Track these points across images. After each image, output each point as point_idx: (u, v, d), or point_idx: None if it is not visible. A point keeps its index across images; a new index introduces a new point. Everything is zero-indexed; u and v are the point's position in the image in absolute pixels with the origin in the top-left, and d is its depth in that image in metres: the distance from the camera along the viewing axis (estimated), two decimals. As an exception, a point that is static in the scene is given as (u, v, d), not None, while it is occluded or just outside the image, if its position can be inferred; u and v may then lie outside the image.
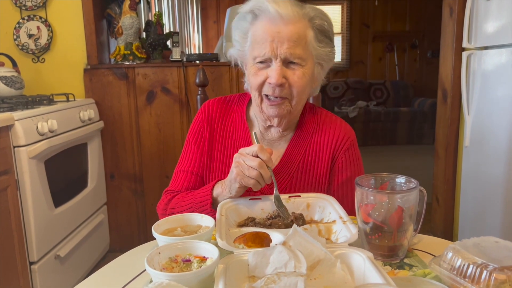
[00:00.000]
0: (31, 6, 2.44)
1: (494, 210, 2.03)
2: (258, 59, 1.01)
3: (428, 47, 6.59)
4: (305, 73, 1.01)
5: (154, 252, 0.69)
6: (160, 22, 2.67)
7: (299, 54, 0.99)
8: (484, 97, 2.11)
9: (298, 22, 0.99)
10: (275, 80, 0.99)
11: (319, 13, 1.04)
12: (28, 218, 1.78)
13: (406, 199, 0.75)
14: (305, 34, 1.00)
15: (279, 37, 0.98)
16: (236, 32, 1.08)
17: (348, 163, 1.11)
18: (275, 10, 0.98)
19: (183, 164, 1.16)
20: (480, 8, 2.11)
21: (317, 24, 1.02)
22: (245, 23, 1.05)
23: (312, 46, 1.02)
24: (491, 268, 0.61)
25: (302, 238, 0.70)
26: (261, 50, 1.00)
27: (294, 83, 1.01)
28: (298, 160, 1.11)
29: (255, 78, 1.03)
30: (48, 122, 1.89)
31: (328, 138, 1.12)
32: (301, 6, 1.02)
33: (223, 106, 1.18)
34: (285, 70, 1.00)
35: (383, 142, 5.91)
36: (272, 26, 0.99)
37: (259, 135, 1.14)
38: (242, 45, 1.07)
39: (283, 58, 0.99)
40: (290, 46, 0.98)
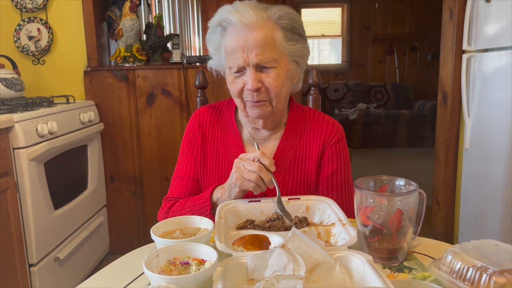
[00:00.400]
0: (31, 8, 2.44)
1: (494, 213, 2.03)
2: (233, 69, 1.05)
3: (428, 49, 6.60)
4: (280, 74, 1.04)
5: (153, 255, 0.69)
6: (160, 24, 2.68)
7: (270, 57, 1.02)
8: (484, 100, 2.11)
9: (263, 26, 1.02)
10: (251, 86, 1.02)
11: (285, 12, 1.05)
12: (28, 220, 1.78)
13: (406, 201, 0.75)
14: (273, 36, 1.02)
15: (247, 45, 1.01)
16: (210, 45, 1.12)
17: (336, 156, 1.14)
18: (238, 20, 1.01)
19: (179, 170, 1.19)
20: (480, 10, 2.11)
21: (284, 24, 1.04)
22: (216, 36, 1.08)
23: (283, 46, 1.04)
24: (491, 271, 0.61)
25: (301, 241, 0.69)
26: (234, 61, 1.03)
27: (270, 85, 1.03)
28: (289, 158, 1.13)
29: (234, 86, 1.07)
30: (48, 124, 1.89)
31: (317, 133, 1.15)
32: (265, 9, 1.04)
33: (213, 112, 1.22)
34: (259, 75, 1.03)
35: (384, 145, 5.91)
36: (240, 36, 1.02)
37: (248, 136, 1.17)
38: (218, 57, 1.11)
39: (255, 65, 1.02)
40: (259, 52, 1.01)
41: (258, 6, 1.04)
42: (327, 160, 1.14)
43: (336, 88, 6.40)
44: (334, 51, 6.84)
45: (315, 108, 1.51)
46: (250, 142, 1.17)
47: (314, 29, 6.65)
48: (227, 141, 1.17)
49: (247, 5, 1.03)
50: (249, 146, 1.17)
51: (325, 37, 6.76)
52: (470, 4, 2.16)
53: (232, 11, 1.03)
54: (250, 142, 1.17)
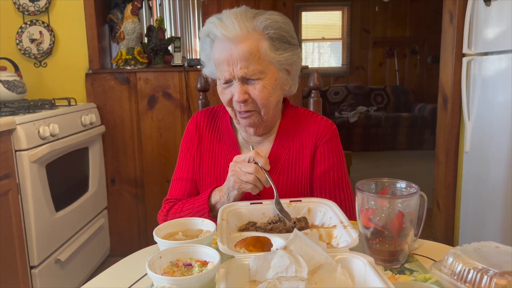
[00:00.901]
0: (33, 11, 2.45)
1: (494, 215, 2.03)
2: (221, 81, 1.06)
3: (428, 52, 6.61)
4: (266, 84, 1.04)
5: (155, 256, 0.69)
6: (161, 27, 2.69)
7: (255, 69, 1.01)
8: (484, 103, 2.12)
9: (248, 38, 1.01)
10: (237, 98, 1.04)
11: (273, 21, 1.03)
12: (29, 222, 1.78)
13: (407, 204, 0.75)
14: (258, 47, 1.01)
15: (232, 58, 1.01)
16: (202, 54, 1.13)
17: (328, 155, 1.15)
18: (222, 33, 1.01)
19: (178, 172, 1.21)
20: (480, 14, 2.12)
21: (271, 33, 1.03)
22: (207, 46, 1.09)
23: (269, 56, 1.03)
24: (492, 273, 0.61)
25: (303, 242, 0.70)
26: (221, 73, 1.05)
27: (256, 96, 1.04)
28: (283, 159, 1.15)
29: (223, 97, 1.09)
30: (50, 126, 1.89)
31: (310, 132, 1.16)
32: (251, 18, 1.02)
33: (210, 116, 1.24)
34: (246, 87, 1.04)
35: (384, 148, 5.91)
36: (225, 49, 1.02)
37: (243, 140, 1.19)
38: (209, 66, 1.12)
39: (240, 78, 1.02)
40: (243, 65, 1.01)
41: (245, 16, 1.02)
42: (319, 158, 1.15)
43: (336, 91, 6.41)
44: (335, 54, 6.85)
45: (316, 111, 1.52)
46: (245, 145, 1.19)
47: (314, 32, 6.67)
48: (223, 143, 1.19)
49: (233, 16, 1.02)
50: (244, 149, 1.19)
51: (326, 40, 6.78)
52: (470, 7, 2.16)
53: (216, 24, 1.02)
54: (245, 145, 1.19)
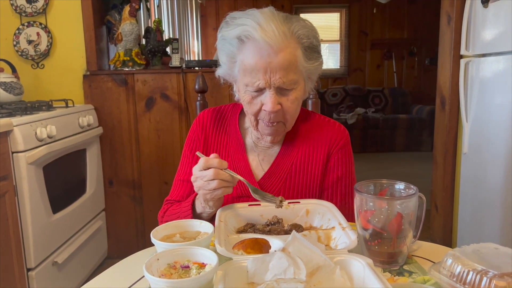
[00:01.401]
0: (31, 12, 2.45)
1: (493, 217, 2.03)
2: (250, 88, 1.00)
3: (426, 54, 6.63)
4: (298, 95, 1.02)
5: (153, 258, 0.69)
6: (159, 29, 2.68)
7: (292, 79, 0.98)
8: (482, 104, 2.12)
9: (287, 47, 0.96)
10: (270, 108, 0.99)
11: (308, 29, 1.00)
12: (26, 224, 1.77)
13: (406, 205, 0.75)
14: (295, 57, 0.98)
15: (271, 67, 0.96)
16: (223, 54, 1.05)
17: (340, 162, 1.13)
18: (263, 39, 0.94)
19: (180, 173, 1.19)
20: (478, 15, 2.12)
21: (305, 43, 1.00)
22: (231, 47, 1.01)
23: (302, 66, 1.00)
24: (491, 275, 0.61)
25: (301, 244, 0.69)
26: (253, 80, 0.98)
27: (288, 108, 1.02)
28: (290, 162, 1.12)
29: (251, 106, 1.03)
30: (47, 128, 1.89)
31: (323, 138, 1.13)
32: (288, 23, 0.98)
33: (217, 116, 1.20)
34: (279, 97, 1.00)
35: (382, 149, 5.92)
36: (263, 56, 0.96)
37: (251, 143, 1.16)
38: (230, 68, 1.05)
39: (276, 87, 0.98)
40: (282, 74, 0.97)
41: (279, 19, 0.97)
42: (333, 166, 1.12)
43: (334, 92, 6.42)
44: (333, 56, 6.87)
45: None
46: (253, 149, 1.16)
47: (312, 34, 6.68)
48: (230, 147, 1.16)
49: (270, 20, 0.96)
50: (252, 152, 1.15)
51: (324, 42, 6.79)
52: (468, 9, 2.17)
53: (255, 27, 0.95)
54: (252, 149, 1.16)
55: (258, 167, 1.14)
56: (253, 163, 1.14)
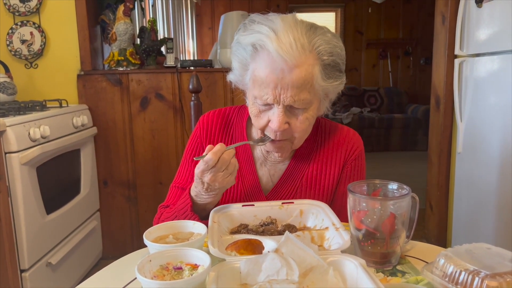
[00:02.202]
0: (24, 11, 2.43)
1: (487, 216, 2.04)
2: (259, 101, 0.93)
3: (421, 54, 6.66)
4: (309, 116, 0.94)
5: (145, 260, 0.68)
6: (154, 28, 2.68)
7: (304, 99, 0.90)
8: (476, 104, 2.13)
9: (304, 63, 0.88)
10: (276, 127, 0.92)
11: (331, 46, 0.91)
12: (20, 225, 1.76)
13: (399, 205, 0.75)
14: (312, 74, 0.89)
15: (283, 83, 0.88)
16: (236, 59, 0.98)
17: (353, 173, 1.08)
18: (277, 53, 0.86)
19: (178, 180, 1.12)
20: (472, 15, 2.13)
21: (326, 61, 0.91)
22: (245, 53, 0.94)
23: (319, 85, 0.91)
24: (483, 275, 0.61)
25: (294, 245, 0.69)
26: (262, 94, 0.91)
27: (296, 128, 0.94)
28: (301, 174, 1.07)
29: (257, 120, 0.97)
30: (41, 128, 1.87)
31: (337, 148, 1.08)
32: (310, 35, 0.89)
33: (223, 121, 1.12)
34: (288, 115, 0.93)
35: (377, 149, 5.94)
36: (275, 70, 0.88)
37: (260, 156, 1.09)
38: (241, 75, 0.99)
39: (286, 105, 0.91)
40: (294, 93, 0.89)
41: (301, 29, 0.89)
42: (345, 177, 1.07)
43: (330, 92, 6.42)
44: (328, 56, 6.87)
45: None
46: (263, 164, 1.09)
47: (308, 34, 6.68)
48: (237, 156, 1.06)
49: (289, 30, 0.87)
50: (261, 167, 1.09)
51: (319, 42, 6.79)
52: (462, 9, 2.18)
53: (271, 37, 0.87)
54: (262, 164, 1.09)
55: (269, 183, 1.09)
56: (263, 178, 1.08)
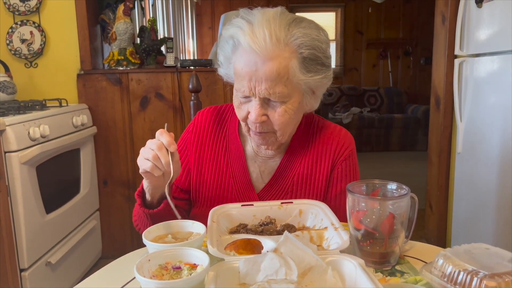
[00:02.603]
0: (24, 11, 2.43)
1: (487, 216, 2.04)
2: (239, 94, 0.95)
3: (421, 54, 6.66)
4: (288, 109, 0.94)
5: (144, 259, 0.68)
6: (154, 28, 2.68)
7: (280, 92, 0.90)
8: (476, 104, 2.13)
9: (278, 55, 0.88)
10: (253, 119, 0.94)
11: (310, 39, 0.90)
12: (19, 224, 1.76)
13: (398, 205, 0.75)
14: (287, 67, 0.89)
15: (256, 75, 0.89)
16: (221, 53, 1.00)
17: (345, 173, 1.07)
18: (249, 46, 0.87)
19: None
20: (472, 15, 2.13)
21: (305, 54, 0.90)
22: (228, 47, 0.96)
23: (298, 78, 0.91)
24: (482, 275, 0.61)
25: (293, 245, 0.69)
26: (239, 86, 0.93)
27: (275, 120, 0.95)
28: (292, 174, 1.07)
29: (239, 112, 0.99)
30: (40, 128, 1.87)
31: (327, 147, 1.07)
32: (286, 27, 0.89)
33: (217, 117, 1.12)
34: (265, 107, 0.94)
35: (377, 149, 5.94)
36: (248, 63, 0.89)
37: (251, 152, 1.09)
38: (227, 68, 1.01)
39: (262, 98, 0.92)
40: (268, 85, 0.89)
41: (279, 23, 0.89)
42: (336, 178, 1.06)
43: (330, 92, 6.40)
44: (328, 55, 6.86)
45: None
46: (254, 159, 1.09)
47: (308, 33, 6.68)
48: (229, 154, 1.09)
49: (265, 23, 0.88)
50: (252, 163, 1.09)
51: (319, 41, 6.79)
52: (462, 9, 2.18)
53: (244, 31, 0.88)
54: (253, 159, 1.09)
55: (259, 179, 1.09)
56: (253, 174, 1.08)
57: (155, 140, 0.88)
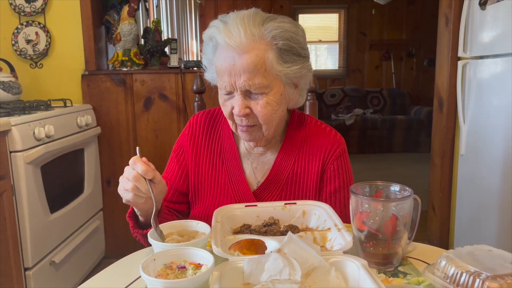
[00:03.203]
0: (29, 12, 2.45)
1: (490, 218, 2.04)
2: (223, 91, 0.99)
3: (424, 55, 6.64)
4: (270, 101, 0.97)
5: (149, 259, 0.69)
6: (158, 29, 2.69)
7: (259, 83, 0.94)
8: (479, 106, 2.13)
9: (253, 48, 0.93)
10: (237, 112, 0.97)
11: (283, 30, 0.95)
12: (24, 224, 1.77)
13: (401, 207, 0.76)
14: (264, 59, 0.93)
15: (235, 69, 0.93)
16: (204, 58, 1.05)
17: (337, 173, 1.09)
18: (225, 41, 0.93)
19: (164, 174, 1.15)
20: (476, 17, 2.13)
21: (280, 44, 0.94)
22: (209, 50, 1.01)
23: (276, 69, 0.95)
24: (484, 277, 0.61)
25: (297, 245, 0.70)
26: (221, 83, 0.98)
27: (258, 113, 0.97)
28: (286, 173, 1.09)
29: (224, 109, 1.02)
30: (45, 128, 1.89)
31: (318, 148, 1.09)
32: (260, 24, 0.94)
33: (210, 121, 1.16)
34: (248, 100, 0.97)
35: (380, 150, 5.93)
36: (227, 58, 0.94)
37: (245, 150, 1.12)
38: (211, 72, 1.05)
39: (243, 91, 0.96)
40: (247, 77, 0.93)
41: (252, 21, 0.94)
42: (329, 177, 1.08)
43: (332, 93, 6.43)
44: (331, 57, 6.87)
45: (312, 114, 1.52)
46: (247, 157, 1.12)
47: (311, 35, 6.69)
48: (224, 153, 1.12)
49: (239, 22, 0.93)
50: (246, 160, 1.12)
51: (322, 43, 6.80)
52: (466, 11, 2.18)
53: (220, 29, 0.94)
54: (246, 157, 1.12)
55: (252, 176, 1.11)
56: (246, 172, 1.11)
57: (130, 169, 0.86)
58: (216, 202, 1.09)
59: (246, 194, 1.09)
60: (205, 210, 1.09)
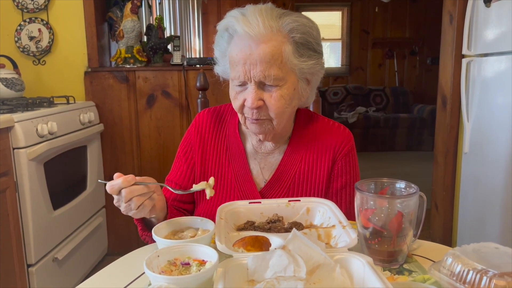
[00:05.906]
0: (32, 8, 2.44)
1: (493, 217, 2.03)
2: (235, 82, 0.98)
3: (427, 53, 6.62)
4: (284, 94, 0.95)
5: (153, 255, 0.69)
6: (161, 26, 2.68)
7: (275, 75, 0.93)
8: (483, 104, 2.12)
9: (271, 39, 0.92)
10: (250, 104, 0.95)
11: (300, 24, 0.95)
12: (27, 220, 1.78)
13: (406, 204, 0.75)
14: (281, 51, 0.92)
15: (251, 59, 0.92)
16: (217, 50, 1.04)
17: (346, 170, 1.09)
18: (243, 30, 0.91)
19: (171, 174, 1.15)
20: (480, 15, 2.12)
21: (297, 38, 0.94)
22: (223, 42, 1.00)
23: (291, 63, 0.95)
24: (491, 274, 0.61)
25: (301, 242, 0.70)
26: (236, 73, 0.95)
27: (271, 106, 0.96)
28: (294, 171, 1.08)
29: (235, 102, 1.00)
30: (48, 124, 1.89)
31: (327, 144, 1.09)
32: (277, 17, 0.94)
33: (216, 119, 1.14)
34: (261, 92, 0.95)
35: (383, 148, 5.92)
36: (244, 48, 0.93)
37: (251, 149, 1.11)
38: (223, 64, 1.04)
39: (257, 81, 0.94)
40: (263, 68, 0.92)
41: (270, 14, 0.94)
42: (337, 173, 1.08)
43: (335, 91, 6.41)
44: (334, 55, 6.86)
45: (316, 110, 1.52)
46: (254, 156, 1.11)
47: (314, 32, 6.67)
48: (230, 152, 1.11)
49: (257, 13, 0.93)
50: (252, 160, 1.10)
51: (325, 41, 6.78)
52: (470, 8, 2.16)
53: (238, 19, 0.93)
54: (253, 156, 1.11)
55: (259, 176, 1.10)
56: (253, 171, 1.10)
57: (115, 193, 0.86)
58: (222, 201, 1.08)
59: (253, 193, 1.08)
60: (210, 208, 1.08)
